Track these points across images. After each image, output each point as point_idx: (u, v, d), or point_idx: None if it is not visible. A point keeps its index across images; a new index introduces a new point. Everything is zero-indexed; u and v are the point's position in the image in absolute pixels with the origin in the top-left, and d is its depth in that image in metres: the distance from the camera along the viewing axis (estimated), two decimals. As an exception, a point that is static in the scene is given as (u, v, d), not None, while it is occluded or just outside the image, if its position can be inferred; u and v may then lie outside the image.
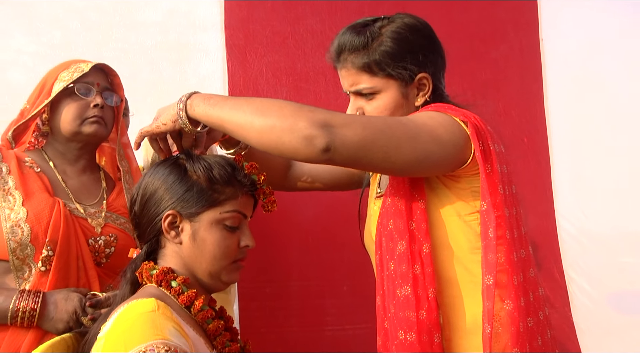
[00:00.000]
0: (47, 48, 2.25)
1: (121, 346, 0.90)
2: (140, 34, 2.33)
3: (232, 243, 1.11)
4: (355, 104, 1.25)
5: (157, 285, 1.06)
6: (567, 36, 2.53)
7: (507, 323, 1.10)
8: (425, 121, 1.12)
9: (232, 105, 1.07)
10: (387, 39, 1.21)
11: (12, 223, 1.40)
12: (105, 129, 1.54)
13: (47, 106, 1.51)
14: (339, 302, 2.32)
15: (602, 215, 2.10)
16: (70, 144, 1.54)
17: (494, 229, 1.11)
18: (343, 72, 1.25)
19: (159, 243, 1.12)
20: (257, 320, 2.26)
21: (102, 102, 1.51)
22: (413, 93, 1.24)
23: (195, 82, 2.36)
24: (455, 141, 1.12)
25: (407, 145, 1.07)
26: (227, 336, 1.10)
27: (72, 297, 1.37)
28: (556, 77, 2.47)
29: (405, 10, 2.43)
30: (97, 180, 1.61)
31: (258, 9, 2.41)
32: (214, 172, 1.10)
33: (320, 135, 0.99)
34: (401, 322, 1.16)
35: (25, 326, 1.36)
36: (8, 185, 1.44)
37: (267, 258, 1.20)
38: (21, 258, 1.40)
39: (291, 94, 2.39)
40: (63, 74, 1.50)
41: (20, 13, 2.27)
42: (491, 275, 1.11)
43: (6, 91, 2.18)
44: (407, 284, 1.15)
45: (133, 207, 1.15)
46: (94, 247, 1.48)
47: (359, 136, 1.02)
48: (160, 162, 1.16)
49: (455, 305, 1.17)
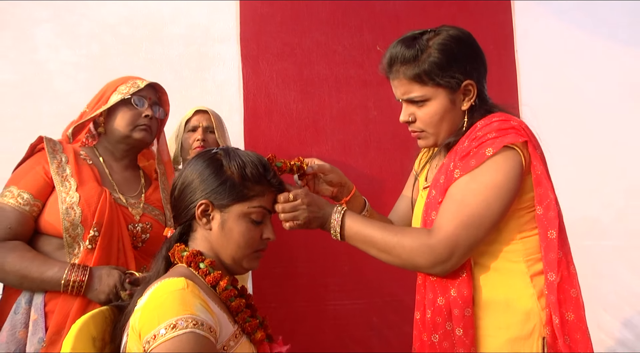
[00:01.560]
0: (86, 59, 2.31)
1: (155, 318, 0.92)
2: (165, 46, 2.37)
3: (256, 235, 1.12)
4: (408, 110, 1.25)
5: (187, 265, 1.08)
6: (539, 48, 2.52)
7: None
8: (488, 182, 1.12)
9: (365, 240, 1.21)
10: (434, 51, 1.19)
11: (67, 205, 1.45)
12: (150, 136, 1.62)
13: (104, 112, 1.58)
14: (341, 280, 2.34)
15: (567, 204, 2.18)
16: (119, 145, 1.62)
17: (556, 231, 1.13)
18: (395, 83, 1.24)
19: (191, 227, 1.13)
20: (268, 297, 2.30)
21: (152, 113, 1.59)
22: (459, 98, 1.22)
23: (214, 88, 2.39)
24: (518, 176, 1.14)
25: (490, 213, 1.13)
26: (247, 313, 1.11)
27: (113, 273, 1.43)
28: (529, 84, 2.48)
29: (401, 26, 2.49)
30: (137, 177, 1.67)
31: (269, 23, 2.42)
32: (246, 170, 1.10)
33: (440, 271, 1.15)
34: (441, 286, 1.20)
35: (74, 294, 1.42)
36: (66, 172, 1.51)
37: (277, 242, 1.28)
38: (72, 236, 1.45)
39: (298, 98, 2.40)
40: (121, 87, 1.58)
41: (64, 30, 2.32)
42: (554, 272, 1.12)
43: (53, 96, 2.25)
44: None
45: (173, 193, 1.15)
46: (133, 232, 1.54)
47: (462, 252, 1.13)
48: (201, 155, 1.16)
49: (487, 286, 1.18)
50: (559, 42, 2.54)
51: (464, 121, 1.24)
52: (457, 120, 1.24)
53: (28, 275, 1.41)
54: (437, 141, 1.27)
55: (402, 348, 2.33)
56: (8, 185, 1.51)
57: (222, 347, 0.99)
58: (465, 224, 1.12)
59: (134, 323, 0.97)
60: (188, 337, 0.90)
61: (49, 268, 1.42)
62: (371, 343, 2.37)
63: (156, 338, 0.91)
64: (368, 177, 2.38)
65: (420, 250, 1.14)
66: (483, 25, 2.48)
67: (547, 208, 1.15)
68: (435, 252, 1.12)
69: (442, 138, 1.26)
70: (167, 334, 0.90)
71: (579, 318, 1.13)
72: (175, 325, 0.90)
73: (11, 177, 1.54)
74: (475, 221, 1.12)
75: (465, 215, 1.12)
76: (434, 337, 1.19)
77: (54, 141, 1.58)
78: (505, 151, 1.14)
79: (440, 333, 1.19)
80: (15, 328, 1.44)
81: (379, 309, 2.38)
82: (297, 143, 2.41)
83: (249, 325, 1.08)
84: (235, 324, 1.07)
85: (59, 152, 1.54)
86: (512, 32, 2.52)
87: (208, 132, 2.10)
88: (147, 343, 0.92)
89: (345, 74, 2.45)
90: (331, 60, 2.45)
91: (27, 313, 1.45)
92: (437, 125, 1.24)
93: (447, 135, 1.26)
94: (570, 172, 2.38)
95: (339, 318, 2.37)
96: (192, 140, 2.08)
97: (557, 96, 2.49)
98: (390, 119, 1.20)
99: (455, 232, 1.11)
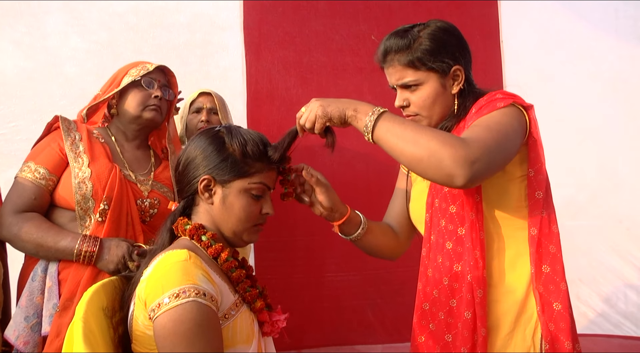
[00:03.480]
0: (96, 46, 2.26)
1: (159, 288, 0.91)
2: (171, 33, 2.33)
3: (255, 210, 1.09)
4: (402, 96, 1.24)
5: (190, 238, 1.06)
6: (524, 38, 2.51)
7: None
8: (505, 121, 1.10)
9: (396, 131, 1.04)
10: (425, 39, 1.20)
11: (79, 180, 1.45)
12: (160, 116, 1.59)
13: (117, 94, 1.57)
14: (337, 254, 2.33)
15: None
16: (130, 125, 1.59)
17: (542, 192, 1.13)
18: (390, 70, 1.24)
19: (194, 201, 1.11)
20: (269, 269, 2.30)
21: (161, 94, 1.56)
22: (449, 83, 1.22)
23: (218, 74, 2.36)
24: (523, 129, 1.13)
25: (509, 146, 1.08)
26: (247, 283, 1.09)
27: (122, 245, 1.43)
28: (514, 73, 2.46)
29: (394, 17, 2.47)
30: (148, 156, 1.65)
31: (271, 12, 2.40)
32: (247, 148, 1.07)
33: (460, 174, 0.96)
34: (447, 271, 1.17)
35: (85, 264, 1.42)
36: (79, 149, 1.50)
37: (277, 217, 1.26)
38: (84, 209, 1.45)
39: (298, 83, 2.39)
40: (132, 71, 1.56)
41: (74, 17, 2.28)
42: (535, 228, 1.13)
43: (64, 81, 2.22)
44: (451, 240, 1.17)
45: (178, 168, 1.13)
46: (141, 206, 1.53)
47: (487, 164, 1.00)
48: (204, 132, 1.13)
49: (498, 267, 1.16)
50: (542, 35, 2.52)
51: (454, 105, 1.23)
52: (449, 104, 1.23)
53: (44, 244, 1.42)
54: (431, 124, 1.25)
55: (394, 316, 2.35)
56: (27, 160, 1.52)
57: (223, 315, 0.98)
58: (494, 139, 1.04)
59: (140, 292, 0.96)
60: (191, 305, 0.89)
61: (62, 238, 1.42)
62: (365, 312, 2.38)
63: (160, 306, 0.90)
64: (364, 157, 2.37)
65: (451, 142, 0.99)
66: (470, 16, 2.45)
67: (538, 171, 1.15)
68: (469, 147, 0.99)
69: (435, 121, 1.24)
70: (170, 303, 0.89)
71: (555, 271, 1.13)
72: (179, 294, 0.90)
73: (30, 153, 1.54)
74: (501, 141, 1.05)
75: (494, 133, 1.05)
76: (452, 302, 1.18)
77: (69, 120, 1.57)
78: (513, 107, 1.13)
79: (457, 298, 1.17)
80: (33, 294, 1.45)
81: (372, 281, 2.38)
82: (297, 126, 2.38)
83: (249, 295, 1.07)
84: (235, 294, 1.05)
85: (73, 130, 1.54)
86: (497, 23, 2.49)
87: (212, 114, 2.07)
88: (152, 311, 0.91)
89: (342, 61, 2.43)
90: (329, 49, 2.43)
91: (42, 281, 1.46)
92: (430, 108, 1.22)
93: (439, 118, 1.24)
94: (548, 155, 2.38)
95: (335, 289, 2.37)
96: (197, 121, 2.06)
97: (539, 84, 2.46)
98: (384, 103, 1.16)
99: (487, 142, 1.02)
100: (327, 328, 2.35)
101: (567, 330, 1.11)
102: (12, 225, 1.43)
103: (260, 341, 1.08)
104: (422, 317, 1.23)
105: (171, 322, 0.89)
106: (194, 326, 0.89)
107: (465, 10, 2.45)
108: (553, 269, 1.13)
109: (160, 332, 0.90)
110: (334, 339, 2.36)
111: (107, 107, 1.62)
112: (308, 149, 1.73)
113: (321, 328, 2.35)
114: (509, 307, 1.14)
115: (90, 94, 1.65)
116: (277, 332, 1.12)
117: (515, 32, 2.51)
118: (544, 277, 1.13)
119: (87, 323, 0.92)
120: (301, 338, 2.28)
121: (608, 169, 2.48)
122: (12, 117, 2.19)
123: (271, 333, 1.11)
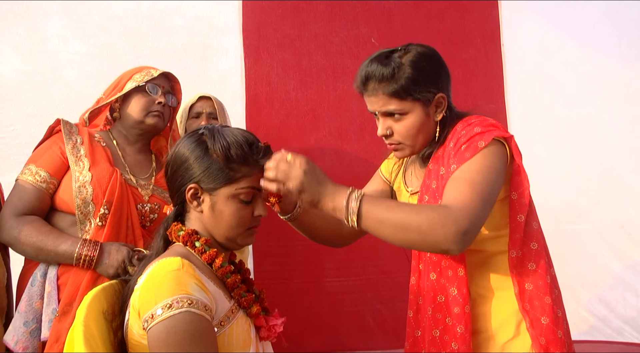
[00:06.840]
0: (95, 49, 2.29)
1: (152, 299, 0.91)
2: (170, 36, 2.35)
3: (247, 214, 1.07)
4: (385, 124, 1.24)
5: (184, 244, 1.05)
6: (524, 42, 2.52)
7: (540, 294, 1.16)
8: (488, 164, 1.12)
9: (382, 220, 1.05)
10: (408, 68, 1.19)
11: (79, 183, 1.45)
12: (163, 122, 1.60)
13: (120, 98, 1.57)
14: (336, 258, 2.35)
15: (549, 191, 2.18)
16: (132, 130, 1.60)
17: (524, 215, 1.16)
18: (372, 99, 1.23)
19: (185, 207, 1.09)
20: (268, 274, 2.30)
21: (164, 100, 1.57)
22: (433, 110, 1.22)
23: (217, 77, 2.38)
24: (504, 165, 1.15)
25: (494, 193, 1.10)
26: (243, 288, 1.08)
27: (122, 249, 1.43)
28: (514, 77, 2.48)
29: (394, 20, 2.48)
30: (149, 161, 1.66)
31: (270, 15, 2.41)
32: (231, 152, 1.03)
33: (455, 249, 1.01)
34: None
35: (85, 268, 1.42)
36: (80, 152, 1.50)
37: (276, 221, 1.26)
38: (84, 213, 1.45)
39: (297, 86, 2.40)
40: (136, 76, 1.56)
41: (73, 20, 2.29)
42: (515, 250, 1.16)
43: (63, 84, 2.24)
44: (435, 271, 1.22)
45: (167, 172, 1.10)
46: (141, 211, 1.53)
47: (477, 228, 1.05)
48: (188, 136, 1.09)
49: (479, 282, 1.21)
50: (543, 37, 2.53)
51: (436, 131, 1.25)
52: (432, 132, 1.25)
53: (44, 248, 1.42)
54: (413, 152, 1.27)
55: (393, 322, 2.36)
56: (28, 163, 1.52)
57: (219, 322, 0.98)
58: (479, 196, 1.05)
59: (134, 301, 0.96)
60: (184, 316, 0.89)
61: (62, 242, 1.43)
62: (365, 317, 2.38)
63: (154, 317, 0.90)
64: (363, 161, 2.38)
65: (441, 222, 1.01)
66: (471, 18, 2.47)
67: (520, 195, 1.17)
68: (457, 221, 1.01)
69: (418, 149, 1.27)
70: (163, 314, 0.89)
71: (537, 287, 1.17)
72: (171, 305, 0.89)
73: (31, 156, 1.54)
74: (486, 195, 1.07)
75: (477, 189, 1.07)
76: (435, 332, 1.21)
77: (70, 124, 1.58)
78: (495, 143, 1.15)
79: (440, 328, 1.20)
80: (32, 300, 1.45)
81: (372, 286, 2.39)
82: (296, 129, 2.40)
83: (244, 300, 1.06)
84: (231, 300, 1.05)
85: (74, 133, 1.54)
86: (498, 26, 2.51)
87: (211, 118, 2.08)
88: (146, 322, 0.91)
89: (341, 64, 2.44)
90: (328, 51, 2.44)
91: (42, 286, 1.46)
92: (414, 137, 1.23)
93: (421, 146, 1.26)
94: (551, 161, 2.42)
95: (333, 294, 2.38)
96: (196, 127, 2.05)
97: (540, 89, 2.49)
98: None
99: (472, 203, 1.04)
100: (327, 333, 2.36)
101: (557, 341, 1.15)
102: (13, 228, 1.44)
103: (258, 346, 1.07)
104: (415, 344, 1.29)
105: (164, 333, 0.89)
106: (188, 337, 0.89)
107: (466, 12, 2.47)
108: (536, 286, 1.17)
109: (154, 343, 0.90)
110: (334, 344, 2.36)
111: (109, 110, 1.63)
112: (305, 151, 1.75)
113: (320, 333, 2.36)
114: (509, 315, 1.19)
115: (90, 98, 1.66)
116: (275, 337, 1.11)
117: (516, 33, 2.52)
118: (528, 294, 1.17)
119: (87, 327, 0.93)
120: (300, 343, 2.29)
121: (609, 173, 2.49)
122: (12, 121, 2.21)
123: (268, 338, 1.10)
